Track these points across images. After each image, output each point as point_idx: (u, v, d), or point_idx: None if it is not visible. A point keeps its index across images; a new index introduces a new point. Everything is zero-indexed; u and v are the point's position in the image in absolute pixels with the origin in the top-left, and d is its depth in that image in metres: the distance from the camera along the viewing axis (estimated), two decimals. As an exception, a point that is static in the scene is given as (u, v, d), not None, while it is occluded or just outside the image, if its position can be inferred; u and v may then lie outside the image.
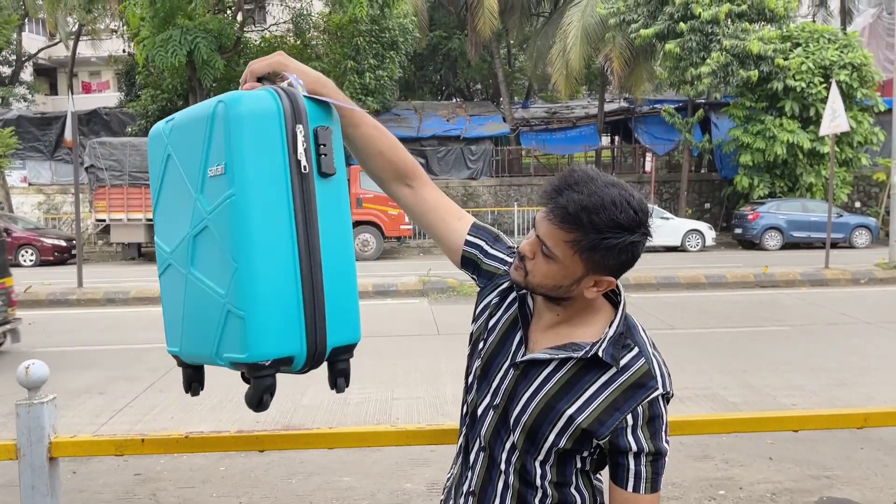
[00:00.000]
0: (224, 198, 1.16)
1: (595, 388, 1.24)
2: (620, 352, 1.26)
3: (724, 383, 5.94)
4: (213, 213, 1.19)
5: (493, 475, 1.31)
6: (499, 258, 1.43)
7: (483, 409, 1.33)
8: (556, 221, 1.19)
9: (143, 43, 20.07)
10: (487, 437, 1.32)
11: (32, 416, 1.57)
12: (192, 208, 1.23)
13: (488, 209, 23.12)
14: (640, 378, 1.25)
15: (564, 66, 22.65)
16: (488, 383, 1.33)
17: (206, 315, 1.23)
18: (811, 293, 11.10)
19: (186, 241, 1.25)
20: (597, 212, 1.17)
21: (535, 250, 1.25)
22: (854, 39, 20.16)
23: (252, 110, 1.16)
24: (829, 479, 3.97)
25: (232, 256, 1.16)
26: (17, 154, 22.43)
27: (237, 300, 1.16)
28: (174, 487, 4.00)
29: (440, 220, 1.45)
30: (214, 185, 1.18)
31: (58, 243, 18.24)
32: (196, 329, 1.27)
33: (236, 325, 1.17)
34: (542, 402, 1.26)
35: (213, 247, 1.20)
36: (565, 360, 1.27)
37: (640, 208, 1.21)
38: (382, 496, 3.79)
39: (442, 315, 9.52)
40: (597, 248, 1.19)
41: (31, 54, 32.64)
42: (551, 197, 1.21)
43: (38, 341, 8.18)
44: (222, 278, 1.18)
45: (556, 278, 1.24)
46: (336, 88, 1.33)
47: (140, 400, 5.73)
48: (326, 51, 23.39)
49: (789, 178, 20.18)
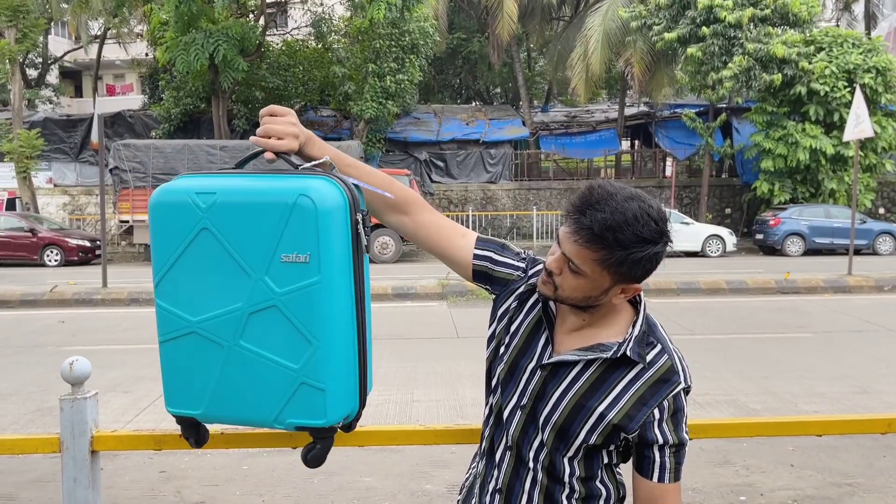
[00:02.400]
0: (306, 284, 1.28)
1: (623, 384, 1.30)
2: (645, 349, 1.32)
3: (745, 389, 5.91)
4: (287, 296, 1.29)
5: (521, 473, 1.36)
6: (510, 265, 1.47)
7: (510, 410, 1.37)
8: (581, 242, 1.24)
9: (166, 46, 20.34)
10: (515, 436, 1.36)
11: (76, 411, 1.63)
12: (245, 287, 1.31)
13: (507, 213, 23.13)
14: (665, 373, 1.31)
15: (585, 71, 22.61)
16: (514, 385, 1.37)
17: (262, 384, 1.34)
18: (834, 300, 11.00)
19: (235, 317, 1.33)
20: (621, 229, 1.21)
21: (561, 266, 1.29)
22: (878, 44, 19.96)
23: (336, 205, 1.29)
24: (851, 487, 3.95)
25: (311, 336, 1.30)
26: (43, 155, 22.78)
27: (316, 375, 1.31)
28: (198, 485, 4.07)
29: (445, 241, 1.49)
30: (289, 270, 1.29)
31: (82, 244, 18.51)
32: (242, 396, 1.35)
33: (312, 395, 1.32)
34: (573, 400, 1.31)
35: (280, 325, 1.31)
36: (593, 360, 1.32)
37: (660, 218, 1.25)
38: (403, 497, 3.83)
39: (461, 318, 9.55)
40: (623, 262, 1.24)
41: (56, 57, 33.17)
42: (575, 218, 1.25)
43: (64, 340, 8.33)
44: (294, 354, 1.31)
45: (586, 290, 1.29)
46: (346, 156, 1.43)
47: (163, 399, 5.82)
48: (347, 55, 23.54)
49: (811, 183, 19.99)
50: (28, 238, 18.24)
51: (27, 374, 6.64)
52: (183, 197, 1.32)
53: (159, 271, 1.36)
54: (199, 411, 1.39)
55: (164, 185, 1.37)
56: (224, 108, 22.35)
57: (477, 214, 22.56)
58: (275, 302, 1.30)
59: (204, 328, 1.34)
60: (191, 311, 1.34)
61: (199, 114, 24.50)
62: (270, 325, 1.31)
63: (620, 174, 27.60)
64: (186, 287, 1.34)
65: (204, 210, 1.30)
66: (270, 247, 1.28)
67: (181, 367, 1.38)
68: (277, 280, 1.29)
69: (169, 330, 1.37)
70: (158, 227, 1.34)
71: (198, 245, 1.32)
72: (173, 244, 1.33)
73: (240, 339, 1.32)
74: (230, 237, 1.30)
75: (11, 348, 7.90)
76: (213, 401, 1.37)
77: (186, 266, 1.33)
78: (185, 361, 1.37)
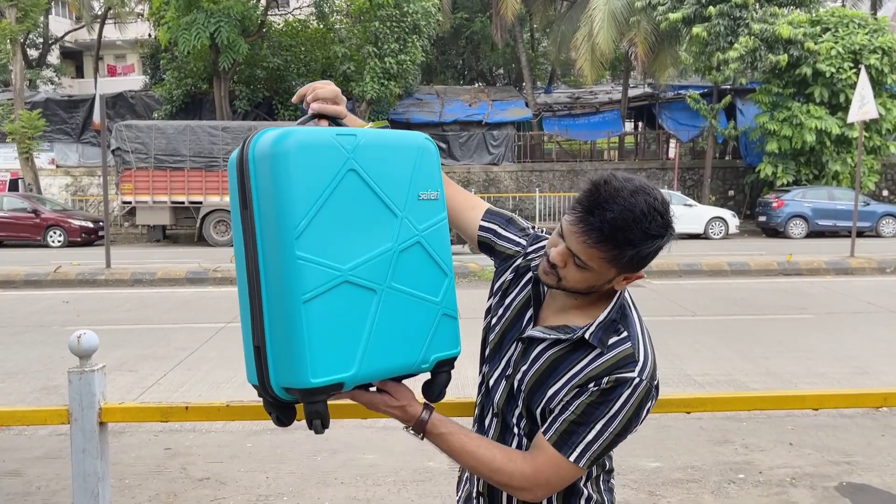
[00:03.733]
0: (438, 220, 1.39)
1: (579, 367, 1.30)
2: (610, 336, 1.31)
3: (745, 370, 5.95)
4: (427, 232, 1.37)
5: (507, 438, 1.40)
6: (511, 240, 1.53)
7: (496, 378, 1.43)
8: (591, 243, 1.24)
9: (168, 25, 20.24)
10: (501, 404, 1.41)
11: (84, 383, 1.66)
12: (392, 226, 1.32)
13: (510, 195, 23.10)
14: (622, 360, 1.28)
15: (590, 51, 22.48)
16: (501, 356, 1.43)
17: (411, 325, 1.34)
18: (835, 282, 11.01)
19: (387, 257, 1.30)
20: (630, 228, 1.22)
21: (566, 260, 1.29)
22: (884, 24, 19.80)
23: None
24: (850, 465, 3.99)
25: (447, 268, 1.39)
26: (45, 136, 22.76)
27: (450, 304, 1.39)
28: (203, 462, 4.12)
29: (456, 213, 1.56)
30: (424, 208, 1.37)
31: (85, 224, 18.55)
32: (393, 343, 1.31)
33: (448, 326, 1.39)
34: (534, 377, 1.35)
35: (422, 261, 1.36)
36: (560, 340, 1.33)
37: (665, 209, 1.25)
38: (406, 473, 3.88)
39: (463, 299, 9.47)
40: (632, 259, 1.25)
41: (57, 37, 33.02)
42: (582, 216, 1.25)
43: (69, 320, 8.38)
44: (435, 288, 1.37)
45: (590, 282, 1.31)
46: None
47: (169, 378, 5.87)
48: (349, 35, 23.41)
49: (815, 165, 19.93)
50: (31, 219, 18.29)
51: (32, 353, 6.69)
52: (326, 138, 1.27)
53: (299, 222, 1.21)
54: (350, 372, 1.26)
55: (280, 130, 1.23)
56: (226, 89, 22.27)
57: (480, 196, 22.48)
58: (419, 238, 1.35)
59: (357, 274, 1.26)
60: (340, 258, 1.25)
61: (201, 94, 24.42)
62: (415, 262, 1.35)
63: (624, 156, 27.53)
64: (332, 234, 1.25)
65: (350, 151, 1.27)
66: (408, 186, 1.35)
67: (330, 325, 1.23)
68: (417, 218, 1.35)
69: (315, 285, 1.21)
70: (295, 170, 1.21)
71: (344, 188, 1.26)
72: (317, 189, 1.23)
73: (392, 280, 1.31)
74: (376, 178, 1.30)
75: (16, 328, 7.95)
76: (366, 356, 1.27)
77: (332, 212, 1.25)
78: (336, 316, 1.24)
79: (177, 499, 3.64)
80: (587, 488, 1.39)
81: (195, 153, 18.05)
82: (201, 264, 11.29)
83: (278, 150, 1.20)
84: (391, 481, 3.81)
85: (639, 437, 4.33)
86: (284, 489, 3.73)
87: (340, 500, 3.61)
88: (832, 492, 3.66)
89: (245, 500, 3.62)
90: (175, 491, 3.73)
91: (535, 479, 1.28)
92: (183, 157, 18.15)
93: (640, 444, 4.22)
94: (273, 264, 1.22)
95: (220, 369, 6.07)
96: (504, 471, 1.29)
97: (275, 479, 3.86)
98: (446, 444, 1.34)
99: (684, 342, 6.90)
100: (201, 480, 3.86)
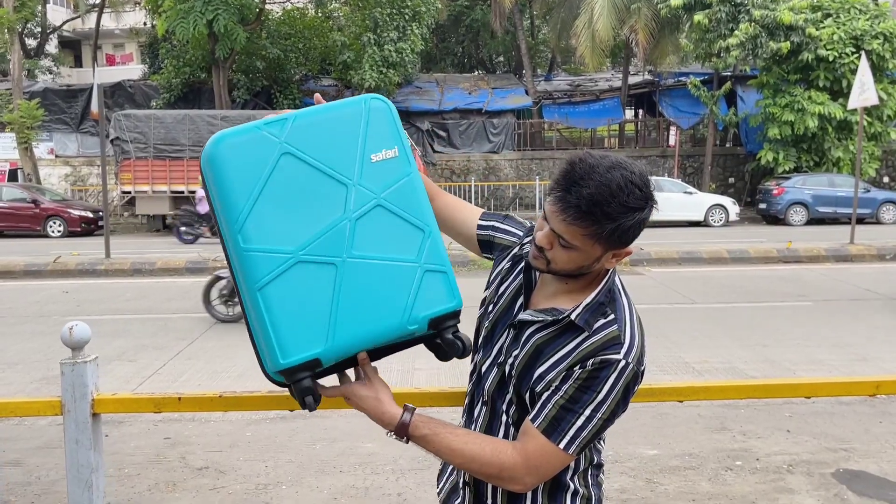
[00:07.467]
0: (401, 177, 1.36)
1: (566, 350, 1.31)
2: (597, 318, 1.31)
3: (743, 357, 5.95)
4: (389, 192, 1.34)
5: (494, 426, 1.41)
6: (510, 231, 1.56)
7: (487, 366, 1.44)
8: (570, 220, 1.25)
9: (165, 14, 20.12)
10: (491, 391, 1.42)
11: (76, 374, 1.66)
12: (341, 197, 1.32)
13: (510, 183, 23.07)
14: (607, 342, 1.29)
15: (590, 38, 22.34)
16: (493, 343, 1.44)
17: (385, 289, 1.33)
18: (835, 269, 11.00)
19: (341, 228, 1.31)
20: (607, 202, 1.22)
21: (552, 242, 1.30)
22: (886, 10, 19.69)
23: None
24: (847, 452, 4.00)
25: (422, 224, 1.36)
26: (44, 126, 22.70)
27: (434, 259, 1.37)
28: (202, 451, 4.13)
29: (451, 220, 1.60)
30: (380, 168, 1.35)
31: (85, 214, 18.54)
32: (367, 310, 1.31)
33: (436, 281, 1.37)
34: (523, 361, 1.35)
35: (388, 223, 1.34)
36: (549, 323, 1.34)
37: (644, 183, 1.26)
38: (404, 461, 3.89)
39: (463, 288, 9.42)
40: (614, 232, 1.25)
41: (55, 27, 32.86)
42: (560, 196, 1.26)
43: (69, 310, 8.39)
44: (407, 247, 1.35)
45: (578, 262, 1.31)
46: None
47: (168, 367, 5.89)
48: (348, 23, 23.28)
49: (816, 152, 19.87)
50: (31, 209, 18.28)
51: (31, 343, 6.70)
52: (252, 132, 1.29)
53: (238, 217, 1.26)
54: (321, 348, 1.28)
55: (218, 135, 1.30)
56: (224, 78, 22.18)
57: (479, 185, 22.50)
58: (378, 202, 1.33)
59: (310, 252, 1.29)
60: (286, 242, 1.28)
61: (200, 84, 24.33)
62: (379, 226, 1.33)
63: (624, 143, 27.44)
64: (274, 220, 1.28)
65: (280, 136, 1.30)
66: (357, 152, 1.33)
67: (290, 306, 1.27)
68: (372, 181, 1.33)
69: (267, 271, 1.26)
70: (228, 170, 1.27)
71: (280, 173, 1.29)
72: (250, 181, 1.27)
73: (351, 249, 1.31)
74: (315, 154, 1.31)
75: (16, 318, 7.96)
76: (337, 329, 1.29)
77: (270, 198, 1.28)
78: (295, 296, 1.27)
79: (176, 488, 3.66)
80: (573, 482, 1.39)
81: (194, 142, 18.00)
82: (201, 254, 11.28)
83: (211, 156, 1.28)
84: (390, 469, 3.82)
85: (637, 424, 4.36)
86: (283, 478, 3.75)
87: (339, 488, 3.62)
88: (829, 478, 3.67)
89: (244, 488, 3.63)
90: (174, 480, 3.74)
91: (524, 469, 1.29)
92: (182, 147, 18.10)
93: (638, 432, 4.23)
94: (233, 259, 1.30)
95: (219, 359, 6.08)
96: (493, 464, 1.30)
97: (274, 467, 3.88)
98: (431, 445, 1.34)
99: (683, 330, 6.90)
100: (200, 469, 3.87)
